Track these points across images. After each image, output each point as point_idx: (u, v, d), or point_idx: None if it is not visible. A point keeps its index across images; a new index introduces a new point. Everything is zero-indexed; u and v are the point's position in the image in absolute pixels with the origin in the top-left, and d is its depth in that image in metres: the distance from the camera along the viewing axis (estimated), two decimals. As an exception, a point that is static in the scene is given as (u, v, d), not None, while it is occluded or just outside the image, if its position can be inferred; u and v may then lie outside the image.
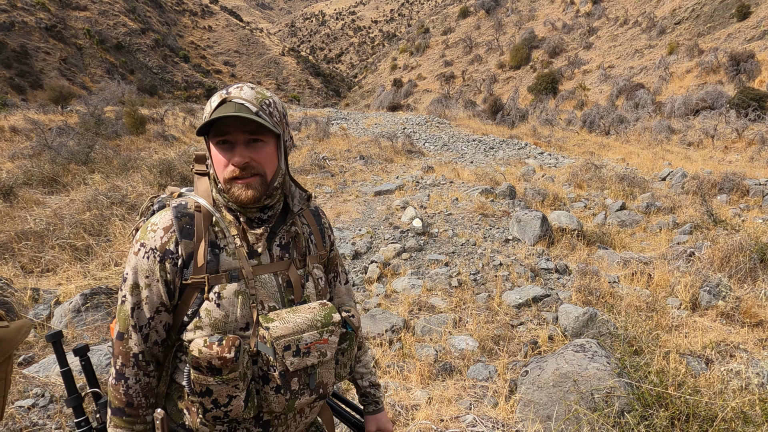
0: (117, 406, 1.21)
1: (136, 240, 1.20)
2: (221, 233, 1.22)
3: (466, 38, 54.54)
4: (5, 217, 6.59)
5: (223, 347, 1.10)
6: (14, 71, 49.85)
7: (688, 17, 36.52)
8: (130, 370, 1.20)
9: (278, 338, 1.15)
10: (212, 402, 1.13)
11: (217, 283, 1.18)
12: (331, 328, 1.22)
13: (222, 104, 1.17)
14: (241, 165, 1.18)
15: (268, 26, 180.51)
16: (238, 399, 1.14)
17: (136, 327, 1.18)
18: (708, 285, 4.79)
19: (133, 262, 1.19)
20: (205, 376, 1.11)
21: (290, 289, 1.28)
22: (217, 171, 1.22)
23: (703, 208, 7.39)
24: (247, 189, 1.20)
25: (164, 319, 1.21)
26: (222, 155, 1.19)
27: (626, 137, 19.44)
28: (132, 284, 1.18)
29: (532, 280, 5.22)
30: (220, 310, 1.17)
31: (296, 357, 1.17)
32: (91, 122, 14.81)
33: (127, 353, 1.19)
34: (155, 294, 1.18)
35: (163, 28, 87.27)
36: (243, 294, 1.19)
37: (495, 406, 3.22)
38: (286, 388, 1.18)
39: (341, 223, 6.92)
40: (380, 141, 14.93)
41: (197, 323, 1.17)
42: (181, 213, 1.20)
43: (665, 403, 2.68)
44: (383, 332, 4.10)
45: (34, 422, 2.86)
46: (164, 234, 1.18)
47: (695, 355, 3.65)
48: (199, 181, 1.30)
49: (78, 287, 4.69)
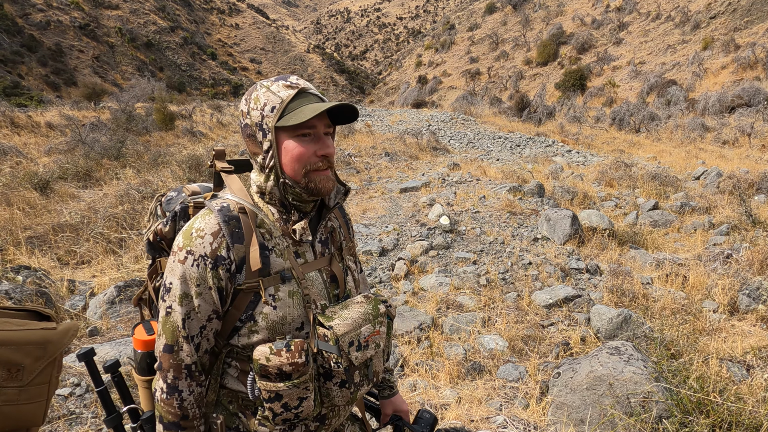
0: (171, 421, 1.17)
1: (180, 247, 1.14)
2: (267, 234, 1.19)
3: (492, 34, 53.90)
4: (42, 210, 6.79)
5: (293, 353, 1.09)
6: (50, 69, 51.36)
7: (723, 11, 35.33)
8: (183, 383, 1.17)
9: (342, 336, 1.15)
10: (282, 406, 1.11)
11: (271, 285, 1.16)
12: (380, 320, 1.24)
13: (299, 95, 1.17)
14: (331, 156, 1.19)
15: (293, 24, 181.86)
16: (309, 400, 1.14)
17: (188, 338, 1.15)
18: (747, 288, 4.62)
19: (180, 271, 1.13)
20: (274, 383, 1.09)
21: (334, 284, 1.28)
22: (291, 163, 1.17)
23: (741, 209, 7.14)
24: (328, 181, 1.20)
25: (215, 326, 1.18)
26: (304, 146, 1.17)
27: (657, 135, 18.94)
28: (181, 294, 1.13)
29: (562, 279, 5.13)
30: (277, 312, 1.15)
31: (359, 351, 1.18)
32: (123, 118, 15.15)
33: (179, 365, 1.16)
34: (208, 302, 1.14)
35: (191, 26, 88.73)
36: (297, 294, 1.18)
37: (526, 408, 3.17)
38: (350, 381, 1.19)
39: (367, 220, 6.91)
40: (405, 138, 14.88)
41: (252, 327, 1.15)
42: (227, 216, 1.15)
43: (706, 410, 2.59)
44: (411, 330, 4.08)
45: (72, 411, 2.93)
46: (213, 240, 1.13)
47: (735, 360, 3.52)
48: (229, 180, 1.25)
49: (112, 279, 4.80)
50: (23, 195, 7.04)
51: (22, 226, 6.00)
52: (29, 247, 5.48)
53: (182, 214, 1.31)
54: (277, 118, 1.14)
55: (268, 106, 1.16)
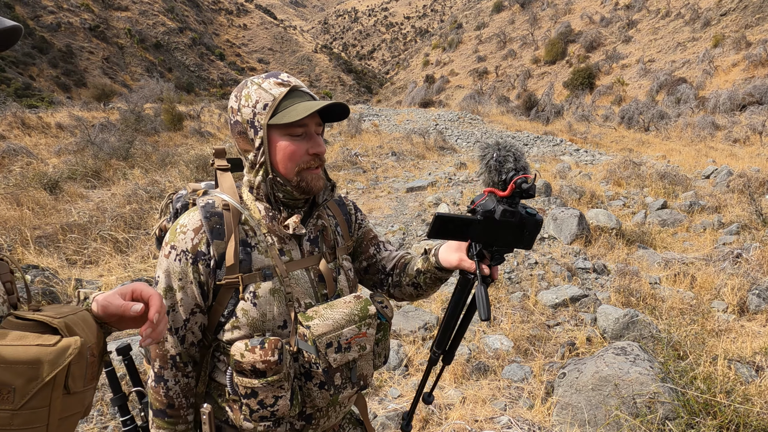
0: (158, 408, 1.21)
1: (166, 242, 1.18)
2: (251, 231, 1.20)
3: (499, 33, 53.68)
4: (51, 210, 6.85)
5: (266, 350, 1.09)
6: (60, 70, 51.92)
7: (735, 8, 34.93)
8: (168, 372, 1.20)
9: (320, 336, 1.14)
10: (258, 403, 1.12)
11: (252, 282, 1.17)
12: (368, 321, 1.22)
13: (291, 93, 1.17)
14: (322, 154, 1.20)
15: (301, 24, 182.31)
16: (284, 399, 1.14)
17: (172, 329, 1.18)
18: (757, 288, 4.56)
19: (165, 265, 1.17)
20: (249, 379, 1.11)
21: (322, 283, 1.27)
22: (283, 161, 1.18)
23: (751, 208, 7.05)
24: (318, 179, 1.21)
25: (199, 320, 1.20)
26: (296, 145, 1.17)
27: (667, 133, 18.76)
28: (165, 287, 1.17)
29: (568, 279, 5.09)
30: (256, 309, 1.16)
31: (338, 353, 1.17)
32: (132, 119, 15.27)
33: (164, 356, 1.19)
34: (189, 296, 1.17)
35: (199, 26, 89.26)
36: (278, 292, 1.18)
37: (531, 408, 3.15)
38: (330, 383, 1.18)
39: (373, 219, 6.91)
40: (412, 137, 14.86)
41: (234, 323, 1.17)
42: (209, 213, 1.17)
43: (713, 412, 2.56)
44: (416, 330, 4.07)
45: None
46: (195, 235, 1.16)
47: (744, 361, 3.48)
48: (222, 177, 1.27)
49: (119, 279, 4.83)
50: (33, 195, 7.12)
51: (32, 226, 6.06)
52: (38, 246, 5.54)
53: (182, 211, 1.33)
54: (270, 115, 1.15)
55: (260, 104, 1.16)
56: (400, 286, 1.44)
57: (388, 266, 1.46)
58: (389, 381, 3.50)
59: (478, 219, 1.19)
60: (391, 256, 1.49)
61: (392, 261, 1.47)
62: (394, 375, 3.56)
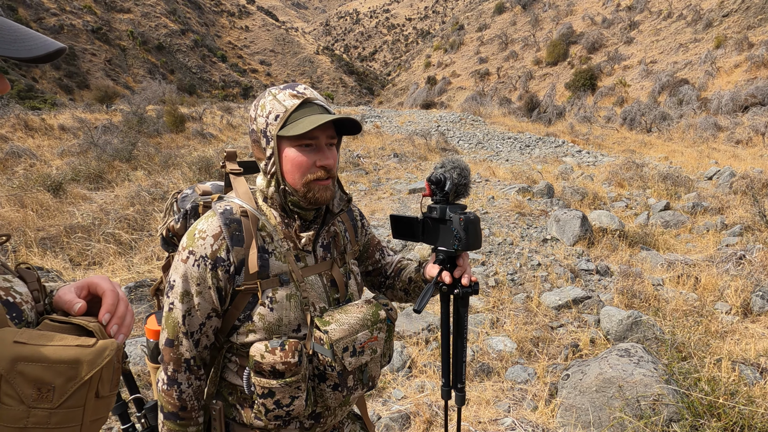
0: (170, 411, 1.22)
1: (183, 247, 1.19)
2: (268, 237, 1.23)
3: (501, 34, 53.68)
4: (55, 211, 6.88)
5: (286, 352, 1.12)
6: (63, 72, 52.06)
7: (737, 9, 34.89)
8: (182, 376, 1.21)
9: (337, 341, 1.17)
10: (274, 403, 1.15)
11: (269, 288, 1.19)
12: (379, 326, 1.26)
13: (303, 105, 1.18)
14: (331, 167, 1.20)
15: (303, 25, 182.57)
16: (300, 399, 1.17)
17: (188, 333, 1.19)
18: (761, 290, 4.56)
19: (182, 270, 1.17)
20: (267, 380, 1.14)
21: (334, 288, 1.31)
22: (291, 172, 1.20)
23: (754, 209, 7.04)
24: (326, 190, 1.22)
25: (214, 324, 1.22)
26: (304, 156, 1.19)
27: (669, 135, 18.75)
28: (182, 292, 1.18)
29: (571, 281, 5.09)
30: (273, 314, 1.18)
31: (353, 357, 1.20)
32: (134, 121, 15.31)
33: (178, 359, 1.20)
34: (207, 301, 1.18)
35: (201, 28, 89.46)
36: (294, 297, 1.21)
37: (534, 410, 3.15)
38: (344, 385, 1.22)
39: (376, 221, 6.92)
40: (414, 139, 14.87)
41: (249, 327, 1.19)
42: (229, 219, 1.19)
43: (717, 413, 2.56)
44: (419, 331, 4.07)
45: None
46: (214, 242, 1.17)
47: (748, 363, 3.47)
48: (236, 182, 1.28)
49: (123, 280, 4.84)
50: (36, 196, 7.14)
51: (35, 228, 6.08)
52: (42, 248, 5.56)
53: (192, 213, 1.35)
54: (280, 127, 1.17)
55: (273, 115, 1.18)
56: (393, 289, 1.54)
57: (389, 271, 1.57)
58: (393, 382, 3.50)
59: (417, 218, 1.34)
60: (392, 261, 1.58)
61: (392, 266, 1.57)
62: (397, 376, 3.56)
